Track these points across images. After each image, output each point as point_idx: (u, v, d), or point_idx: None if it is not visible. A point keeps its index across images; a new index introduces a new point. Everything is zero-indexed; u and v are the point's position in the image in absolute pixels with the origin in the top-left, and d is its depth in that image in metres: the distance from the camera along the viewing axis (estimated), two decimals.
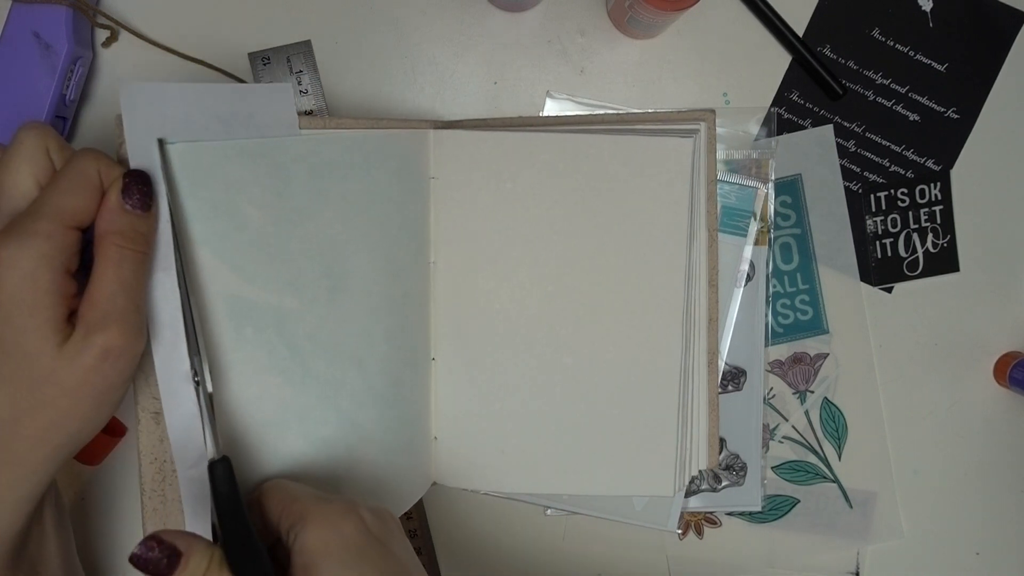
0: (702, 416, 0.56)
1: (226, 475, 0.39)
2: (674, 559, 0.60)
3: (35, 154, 0.38)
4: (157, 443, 0.43)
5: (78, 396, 0.36)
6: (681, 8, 0.51)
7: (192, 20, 0.57)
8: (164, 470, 0.43)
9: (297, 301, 0.45)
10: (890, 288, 0.60)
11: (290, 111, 0.45)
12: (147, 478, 0.43)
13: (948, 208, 0.59)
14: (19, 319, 0.35)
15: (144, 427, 0.43)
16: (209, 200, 0.42)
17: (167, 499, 0.43)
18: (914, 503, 0.61)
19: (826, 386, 0.60)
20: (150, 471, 0.43)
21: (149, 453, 0.43)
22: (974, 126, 0.59)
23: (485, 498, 0.59)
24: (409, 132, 0.51)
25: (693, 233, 0.54)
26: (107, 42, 0.56)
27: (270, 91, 0.44)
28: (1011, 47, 0.59)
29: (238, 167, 0.43)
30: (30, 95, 0.52)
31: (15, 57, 0.52)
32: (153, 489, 0.43)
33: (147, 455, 0.43)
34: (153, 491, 0.43)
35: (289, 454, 0.46)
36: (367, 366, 0.48)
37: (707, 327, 0.55)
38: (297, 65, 0.56)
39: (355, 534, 0.38)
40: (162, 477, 0.43)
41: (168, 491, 0.43)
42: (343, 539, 0.37)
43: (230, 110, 0.42)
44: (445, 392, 0.54)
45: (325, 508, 0.38)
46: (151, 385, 0.42)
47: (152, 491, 0.43)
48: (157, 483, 0.43)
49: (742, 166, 0.58)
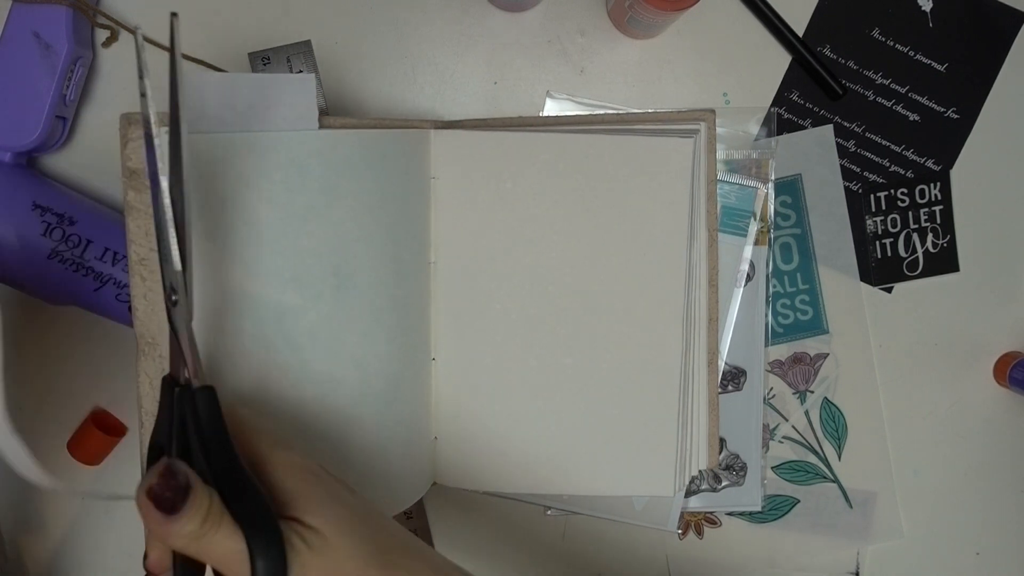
0: (702, 416, 0.56)
1: (211, 406, 0.35)
2: (674, 559, 0.60)
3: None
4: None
5: None
6: (681, 8, 0.51)
7: (192, 20, 0.57)
8: None
9: (300, 298, 0.45)
10: (890, 288, 0.60)
11: (311, 104, 0.44)
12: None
13: (948, 208, 0.59)
14: None
15: (148, 431, 0.42)
16: (218, 193, 0.42)
17: None
18: (914, 503, 0.61)
19: (826, 386, 0.60)
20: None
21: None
22: (974, 126, 0.59)
23: (485, 498, 0.59)
24: (411, 132, 0.51)
25: (693, 233, 0.54)
26: (107, 42, 0.56)
27: (293, 82, 0.43)
28: (1011, 47, 0.59)
29: (251, 161, 0.43)
30: (30, 95, 0.52)
31: (15, 57, 0.52)
32: None
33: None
34: None
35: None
36: (367, 366, 0.48)
37: (707, 327, 0.55)
38: (297, 65, 0.56)
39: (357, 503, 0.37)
40: None
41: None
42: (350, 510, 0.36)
43: (248, 101, 0.42)
44: (445, 392, 0.54)
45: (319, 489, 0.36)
46: (155, 389, 0.42)
47: None
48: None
49: (742, 166, 0.58)
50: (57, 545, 0.60)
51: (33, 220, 0.51)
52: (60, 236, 0.51)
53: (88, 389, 0.59)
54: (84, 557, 0.60)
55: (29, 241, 0.51)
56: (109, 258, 0.52)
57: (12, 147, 0.52)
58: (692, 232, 0.54)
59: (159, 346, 0.43)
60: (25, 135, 0.52)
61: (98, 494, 0.53)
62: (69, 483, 0.55)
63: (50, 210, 0.51)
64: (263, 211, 0.43)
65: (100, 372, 0.58)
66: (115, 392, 0.59)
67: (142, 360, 0.43)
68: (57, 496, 0.58)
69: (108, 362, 0.58)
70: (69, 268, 0.51)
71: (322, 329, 0.46)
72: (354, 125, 0.47)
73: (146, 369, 0.42)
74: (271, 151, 0.43)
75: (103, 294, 0.53)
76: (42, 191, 0.52)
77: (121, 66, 0.57)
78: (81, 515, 0.59)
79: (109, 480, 0.59)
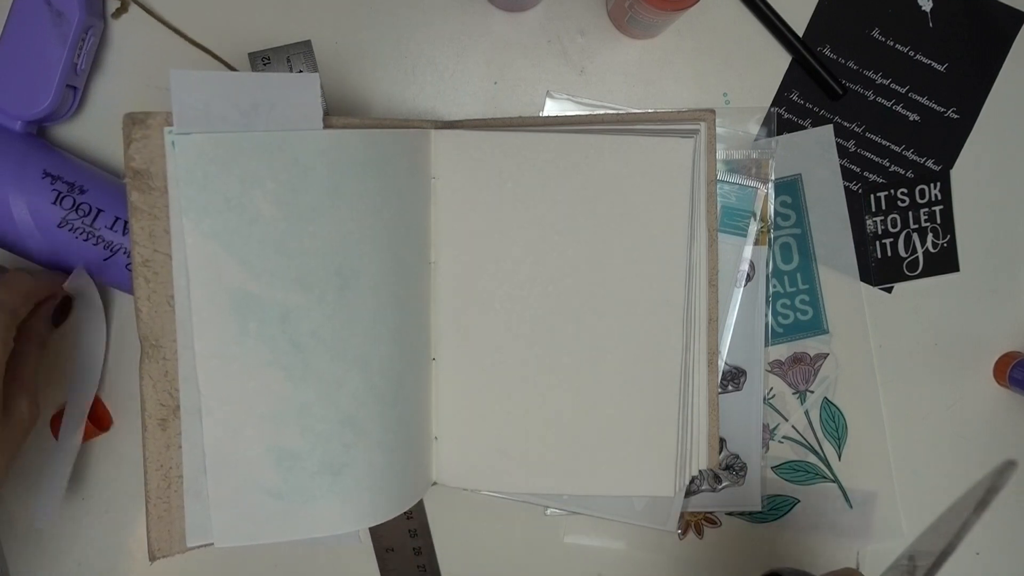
0: (702, 416, 0.56)
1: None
2: (674, 559, 0.60)
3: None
4: (163, 450, 0.44)
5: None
6: (681, 8, 0.51)
7: (192, 21, 0.57)
8: (169, 477, 0.44)
9: (304, 298, 0.45)
10: (890, 288, 0.60)
11: (315, 103, 0.44)
12: (152, 485, 0.44)
13: (948, 208, 0.59)
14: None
15: (151, 434, 0.43)
16: (222, 193, 0.42)
17: (171, 506, 0.44)
18: (914, 503, 0.61)
19: (826, 386, 0.60)
20: (155, 478, 0.44)
21: (155, 460, 0.44)
22: (974, 126, 0.59)
23: (485, 498, 0.58)
24: (412, 132, 0.51)
25: (693, 233, 0.54)
26: (117, 13, 0.56)
27: (297, 81, 0.43)
28: (1011, 47, 0.59)
29: (254, 160, 0.43)
30: (41, 63, 0.52)
31: (27, 25, 0.52)
32: (159, 496, 0.44)
33: (153, 462, 0.44)
34: (159, 498, 0.44)
35: (285, 449, 0.46)
36: (370, 365, 0.48)
37: (707, 327, 0.55)
38: (297, 65, 0.56)
39: None
40: (167, 484, 0.44)
41: (173, 498, 0.44)
42: None
43: (251, 100, 0.42)
44: (445, 392, 0.54)
45: None
46: (159, 392, 0.43)
47: (158, 498, 0.44)
48: (162, 490, 0.44)
49: (742, 166, 0.58)
50: (57, 545, 0.60)
51: (43, 188, 0.51)
52: (70, 205, 0.51)
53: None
54: (86, 555, 0.60)
55: (39, 210, 0.51)
56: (119, 227, 0.52)
57: (23, 116, 0.52)
58: (692, 232, 0.54)
59: (163, 348, 0.43)
60: (36, 104, 0.52)
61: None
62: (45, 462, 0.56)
63: (60, 179, 0.51)
64: (267, 211, 0.43)
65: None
66: (109, 383, 0.59)
67: (146, 363, 0.43)
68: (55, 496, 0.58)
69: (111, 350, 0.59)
70: (79, 237, 0.52)
71: (326, 329, 0.46)
72: (356, 125, 0.47)
73: (150, 372, 0.43)
74: (276, 151, 0.43)
75: (113, 263, 0.53)
76: (53, 160, 0.52)
77: (131, 37, 0.57)
78: (81, 515, 0.59)
79: (109, 476, 0.59)
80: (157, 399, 0.43)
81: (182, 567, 0.60)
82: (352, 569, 0.60)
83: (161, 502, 0.44)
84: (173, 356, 0.43)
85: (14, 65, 0.52)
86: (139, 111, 0.42)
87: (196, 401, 0.44)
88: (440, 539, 0.60)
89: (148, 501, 0.44)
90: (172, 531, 0.44)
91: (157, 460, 0.44)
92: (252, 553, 0.60)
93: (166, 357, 0.43)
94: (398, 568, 0.60)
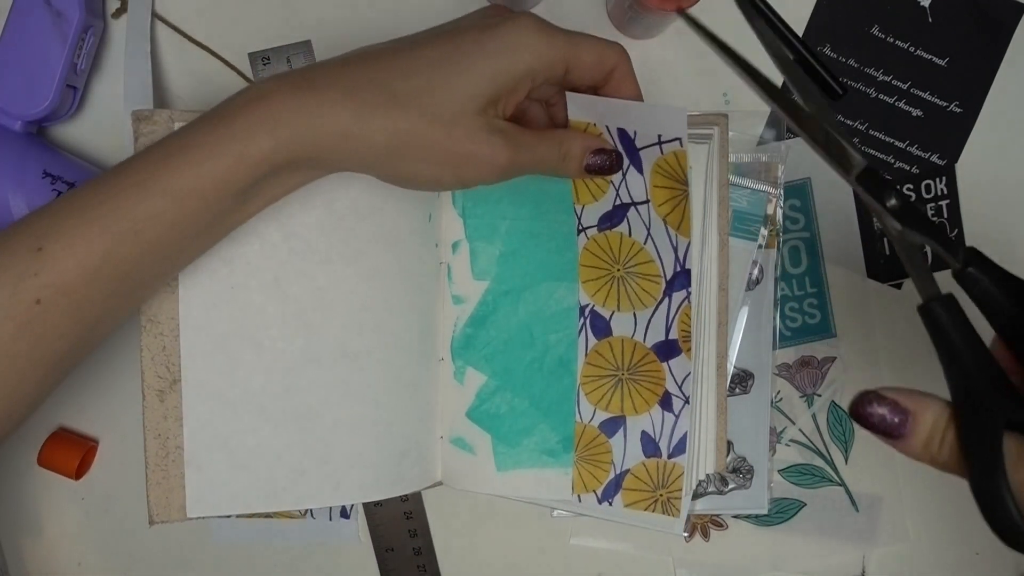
0: (710, 419, 0.55)
1: (954, 313, 0.36)
2: (680, 561, 0.60)
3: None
4: (161, 420, 0.46)
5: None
6: (681, 8, 0.51)
7: (192, 21, 0.57)
8: (167, 447, 0.46)
9: None
10: (899, 284, 0.60)
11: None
12: (151, 453, 0.46)
13: (955, 202, 0.59)
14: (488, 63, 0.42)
15: (149, 404, 0.46)
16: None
17: (169, 474, 0.46)
18: (920, 507, 0.60)
19: (833, 390, 0.60)
20: (154, 446, 0.46)
21: (153, 429, 0.46)
22: (977, 119, 0.59)
23: (487, 498, 0.58)
24: None
25: (704, 237, 0.53)
26: (116, 13, 0.57)
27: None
28: (1011, 39, 0.59)
29: None
30: (41, 63, 0.52)
31: (26, 24, 0.52)
32: (156, 464, 0.46)
33: (151, 430, 0.46)
34: (156, 465, 0.46)
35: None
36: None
37: (716, 331, 0.55)
38: (297, 65, 0.56)
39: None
40: (165, 452, 0.46)
41: (171, 467, 0.46)
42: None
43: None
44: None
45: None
46: (156, 364, 0.46)
47: (156, 465, 0.46)
48: (160, 458, 0.46)
49: (751, 170, 0.58)
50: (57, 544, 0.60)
51: (43, 188, 0.51)
52: None
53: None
54: (89, 537, 0.60)
55: None
56: None
57: (22, 115, 0.52)
58: (703, 236, 0.53)
59: (160, 324, 0.46)
60: (35, 103, 0.52)
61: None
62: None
63: (60, 179, 0.52)
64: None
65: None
66: (110, 383, 0.59)
67: (144, 336, 0.46)
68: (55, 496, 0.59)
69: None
70: None
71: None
72: None
73: (148, 344, 0.46)
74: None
75: None
76: (52, 160, 0.53)
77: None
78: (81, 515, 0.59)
79: (113, 462, 0.59)
80: (155, 371, 0.46)
81: (182, 567, 0.60)
82: (352, 569, 0.60)
83: (159, 469, 0.46)
84: (171, 333, 0.46)
85: (14, 65, 0.52)
86: (145, 108, 0.43)
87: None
88: (441, 539, 0.60)
89: (147, 467, 0.46)
90: (171, 499, 0.46)
91: (155, 429, 0.46)
92: (252, 553, 0.60)
93: (163, 333, 0.46)
94: (398, 568, 0.59)
